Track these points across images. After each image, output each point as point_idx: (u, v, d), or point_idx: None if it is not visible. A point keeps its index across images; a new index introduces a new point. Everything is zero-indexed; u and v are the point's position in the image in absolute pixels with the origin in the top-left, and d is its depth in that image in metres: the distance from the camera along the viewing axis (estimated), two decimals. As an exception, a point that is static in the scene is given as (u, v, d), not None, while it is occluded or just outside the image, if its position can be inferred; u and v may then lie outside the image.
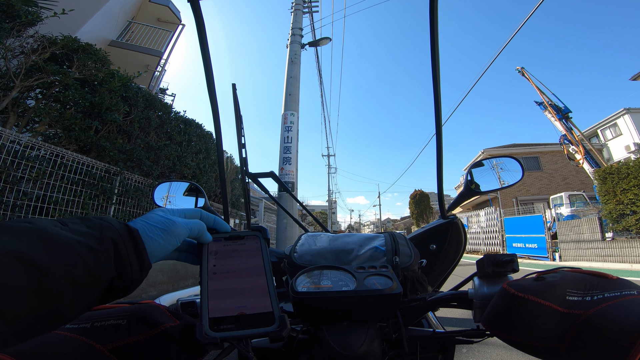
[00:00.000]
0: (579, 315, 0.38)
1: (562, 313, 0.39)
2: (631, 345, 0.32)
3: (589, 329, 0.37)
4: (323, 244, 0.73)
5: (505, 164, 1.03)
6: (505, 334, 0.43)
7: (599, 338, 0.35)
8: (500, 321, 0.43)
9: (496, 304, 0.44)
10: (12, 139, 3.71)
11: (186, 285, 6.31)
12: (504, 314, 0.42)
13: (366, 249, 0.69)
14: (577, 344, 0.37)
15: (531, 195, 20.93)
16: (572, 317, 0.38)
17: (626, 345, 0.32)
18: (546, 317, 0.39)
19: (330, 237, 0.77)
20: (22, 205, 3.80)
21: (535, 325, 0.39)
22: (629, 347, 0.32)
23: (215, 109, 0.55)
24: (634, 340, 0.31)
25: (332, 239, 0.76)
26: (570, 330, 0.38)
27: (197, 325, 0.41)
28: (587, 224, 10.82)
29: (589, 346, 0.36)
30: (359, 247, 0.71)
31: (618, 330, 0.34)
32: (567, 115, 14.18)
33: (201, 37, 0.47)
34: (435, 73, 0.59)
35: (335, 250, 0.70)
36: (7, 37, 4.17)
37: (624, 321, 0.34)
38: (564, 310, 0.39)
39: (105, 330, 0.41)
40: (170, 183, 0.95)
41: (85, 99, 4.75)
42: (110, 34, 9.83)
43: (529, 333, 0.40)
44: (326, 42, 7.83)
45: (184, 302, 0.65)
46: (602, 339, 0.35)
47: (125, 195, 5.26)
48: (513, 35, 7.32)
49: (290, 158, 6.32)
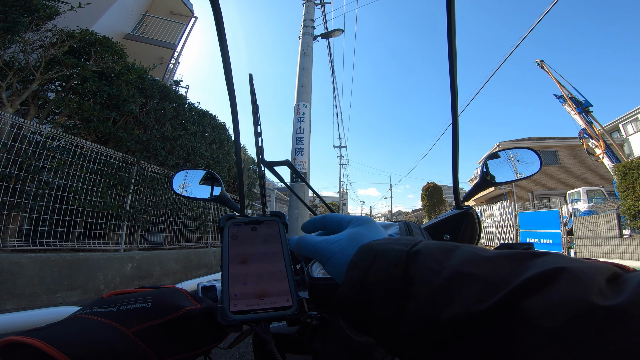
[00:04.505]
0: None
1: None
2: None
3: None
4: None
5: (522, 156, 1.01)
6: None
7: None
8: None
9: None
10: (33, 130, 3.83)
11: (199, 274, 6.45)
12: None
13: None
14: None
15: (548, 189, 20.43)
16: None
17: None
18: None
19: None
20: (44, 194, 3.94)
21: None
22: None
23: (233, 101, 0.55)
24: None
25: None
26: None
27: (218, 308, 0.42)
28: (604, 220, 10.53)
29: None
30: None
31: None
32: (588, 109, 13.74)
33: (219, 29, 0.48)
34: (452, 63, 0.59)
35: None
36: (26, 31, 4.27)
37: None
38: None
39: (130, 314, 0.42)
40: (186, 171, 0.95)
41: (103, 91, 4.85)
42: (125, 27, 9.95)
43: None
44: (338, 34, 7.74)
45: (204, 287, 0.67)
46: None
47: (142, 184, 5.38)
48: (536, 24, 7.06)
49: (302, 149, 6.33)
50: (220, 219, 0.52)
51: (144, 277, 5.03)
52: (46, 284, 3.64)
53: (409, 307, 0.28)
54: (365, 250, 0.34)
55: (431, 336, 0.26)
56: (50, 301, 3.64)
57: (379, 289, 0.30)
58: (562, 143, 21.32)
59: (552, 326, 0.20)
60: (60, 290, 3.77)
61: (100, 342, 0.38)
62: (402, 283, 0.29)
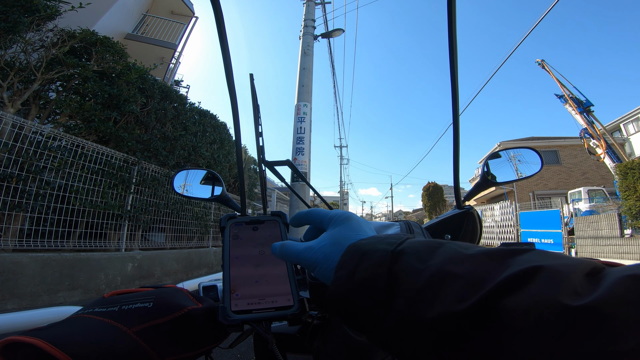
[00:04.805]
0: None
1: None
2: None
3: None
4: None
5: (523, 156, 1.00)
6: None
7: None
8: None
9: None
10: (34, 130, 3.84)
11: (200, 274, 6.45)
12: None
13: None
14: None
15: (549, 189, 20.41)
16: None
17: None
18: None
19: None
20: (45, 194, 3.94)
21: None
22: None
23: (233, 100, 0.55)
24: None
25: None
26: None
27: (219, 308, 0.42)
28: (605, 219, 10.50)
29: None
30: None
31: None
32: (589, 108, 13.73)
33: (220, 29, 0.48)
34: (452, 63, 0.59)
35: None
36: (27, 31, 4.27)
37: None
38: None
39: (132, 313, 0.42)
40: (187, 171, 0.95)
41: (104, 91, 4.86)
42: (126, 27, 9.95)
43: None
44: (339, 34, 7.74)
45: (205, 286, 0.67)
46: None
47: (143, 184, 5.38)
48: (538, 22, 7.04)
49: (303, 149, 6.33)
50: (221, 219, 0.52)
51: (145, 276, 5.03)
52: (47, 283, 3.65)
53: (393, 306, 0.28)
54: (352, 250, 0.34)
55: (415, 336, 0.26)
56: (51, 301, 3.65)
57: (366, 289, 0.30)
58: (563, 143, 21.29)
59: (526, 327, 0.21)
60: (61, 290, 3.78)
61: (102, 342, 0.38)
62: (387, 282, 0.29)
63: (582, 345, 0.19)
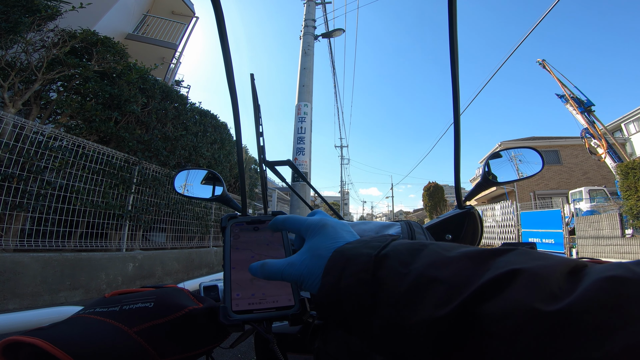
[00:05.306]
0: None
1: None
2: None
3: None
4: None
5: (524, 156, 1.00)
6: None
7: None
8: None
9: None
10: (35, 130, 3.84)
11: (201, 274, 6.46)
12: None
13: None
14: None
15: (550, 189, 20.38)
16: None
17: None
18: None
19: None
20: (46, 194, 3.95)
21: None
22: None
23: (234, 100, 0.55)
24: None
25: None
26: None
27: (220, 308, 0.42)
28: (606, 219, 10.49)
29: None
30: (375, 234, 0.71)
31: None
32: (590, 108, 13.72)
33: (220, 29, 0.48)
34: (453, 62, 0.59)
35: None
36: (27, 31, 4.28)
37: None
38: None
39: (133, 313, 0.42)
40: (188, 171, 0.95)
41: (105, 91, 4.86)
42: (127, 27, 9.96)
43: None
44: (339, 34, 7.73)
45: (206, 286, 0.67)
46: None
47: (144, 184, 5.39)
48: (540, 21, 7.03)
49: (303, 148, 6.32)
50: (222, 219, 0.52)
51: (146, 276, 5.04)
52: (48, 283, 3.65)
53: (377, 312, 0.28)
54: (337, 256, 0.34)
55: (402, 341, 0.26)
56: (52, 301, 3.66)
57: (352, 295, 0.30)
58: (564, 142, 21.26)
59: (504, 334, 0.20)
60: (62, 290, 3.79)
61: (103, 342, 0.38)
62: (372, 288, 0.29)
63: (556, 351, 0.18)
